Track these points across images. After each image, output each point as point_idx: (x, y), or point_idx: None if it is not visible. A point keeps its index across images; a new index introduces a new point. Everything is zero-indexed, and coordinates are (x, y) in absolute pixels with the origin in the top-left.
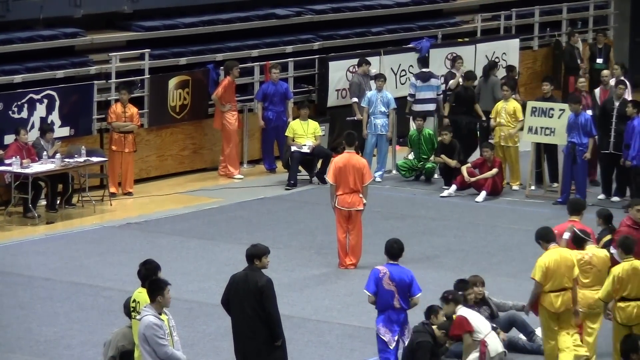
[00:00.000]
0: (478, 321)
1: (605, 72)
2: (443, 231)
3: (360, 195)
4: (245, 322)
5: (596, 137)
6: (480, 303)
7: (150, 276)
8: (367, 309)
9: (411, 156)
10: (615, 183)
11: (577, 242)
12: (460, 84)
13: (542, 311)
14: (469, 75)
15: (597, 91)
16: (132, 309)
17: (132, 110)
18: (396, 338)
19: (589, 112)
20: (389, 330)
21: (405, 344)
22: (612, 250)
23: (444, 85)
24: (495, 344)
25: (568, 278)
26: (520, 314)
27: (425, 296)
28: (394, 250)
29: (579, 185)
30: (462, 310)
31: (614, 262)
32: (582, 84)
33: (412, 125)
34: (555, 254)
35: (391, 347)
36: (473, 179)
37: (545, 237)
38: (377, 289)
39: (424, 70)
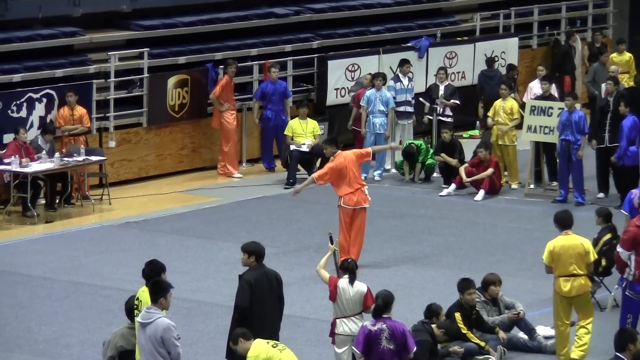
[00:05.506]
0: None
1: None
2: (442, 230)
3: (366, 192)
4: (271, 320)
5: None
6: (491, 303)
7: (154, 276)
8: None
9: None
10: (613, 180)
11: None
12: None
13: (554, 295)
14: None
15: None
16: (135, 306)
17: (81, 111)
18: None
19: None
20: None
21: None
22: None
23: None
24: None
25: (577, 265)
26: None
27: (425, 295)
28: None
29: (576, 183)
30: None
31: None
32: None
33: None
34: (564, 240)
35: None
36: (469, 180)
37: (560, 222)
38: None
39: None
